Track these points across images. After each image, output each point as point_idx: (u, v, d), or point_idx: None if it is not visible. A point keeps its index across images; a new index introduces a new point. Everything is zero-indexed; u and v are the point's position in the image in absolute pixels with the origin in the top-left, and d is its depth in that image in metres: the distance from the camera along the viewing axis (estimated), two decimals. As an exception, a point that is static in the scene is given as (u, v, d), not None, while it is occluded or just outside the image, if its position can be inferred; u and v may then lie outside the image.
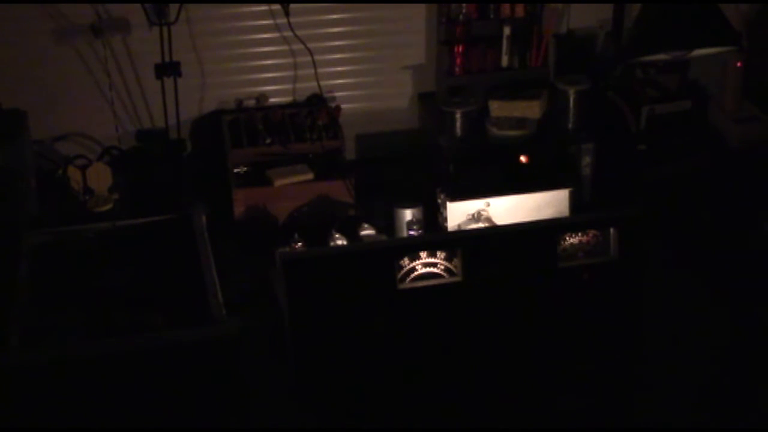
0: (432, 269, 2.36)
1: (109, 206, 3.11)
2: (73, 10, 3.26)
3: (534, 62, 3.47)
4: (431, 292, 2.34)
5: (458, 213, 2.86)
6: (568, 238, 2.40)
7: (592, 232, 2.41)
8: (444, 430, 2.41)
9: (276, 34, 3.41)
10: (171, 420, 2.20)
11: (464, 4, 3.36)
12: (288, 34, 3.38)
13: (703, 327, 2.72)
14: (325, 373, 2.34)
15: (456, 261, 2.35)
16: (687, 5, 2.88)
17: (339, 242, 2.85)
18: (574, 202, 2.91)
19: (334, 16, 3.44)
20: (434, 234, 2.86)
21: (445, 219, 2.87)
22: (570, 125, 3.30)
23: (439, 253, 2.36)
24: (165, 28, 3.11)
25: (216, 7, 3.35)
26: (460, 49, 3.41)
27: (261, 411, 2.36)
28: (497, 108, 3.33)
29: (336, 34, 3.46)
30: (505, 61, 3.45)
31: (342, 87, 3.52)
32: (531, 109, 3.32)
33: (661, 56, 2.99)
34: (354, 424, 2.36)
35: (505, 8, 3.40)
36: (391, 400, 2.38)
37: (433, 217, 2.94)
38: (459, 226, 2.86)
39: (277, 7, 3.34)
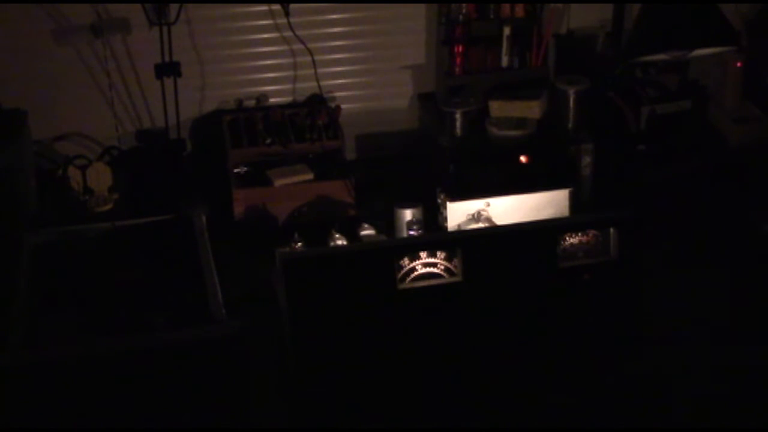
0: (432, 269, 2.36)
1: (109, 206, 3.11)
2: (73, 10, 3.26)
3: (534, 62, 3.47)
4: (431, 292, 2.34)
5: (458, 213, 2.86)
6: (568, 238, 2.40)
7: (592, 232, 2.41)
8: (444, 429, 2.41)
9: (276, 34, 3.41)
10: (171, 420, 2.20)
11: (464, 4, 3.36)
12: (288, 34, 3.38)
13: (703, 327, 2.72)
14: (325, 372, 2.34)
15: (456, 261, 2.35)
16: (687, 5, 2.88)
17: (339, 242, 2.85)
18: (574, 202, 2.91)
19: (334, 16, 3.44)
20: (434, 234, 2.86)
21: (445, 219, 2.86)
22: (570, 125, 3.30)
23: (439, 253, 2.35)
24: (165, 28, 3.11)
25: (216, 7, 3.35)
26: (460, 49, 3.41)
27: (261, 411, 2.36)
28: (497, 108, 3.33)
29: (336, 34, 3.46)
30: (505, 61, 3.45)
31: (342, 87, 3.52)
32: (531, 109, 3.32)
33: (661, 56, 2.99)
34: (354, 424, 2.36)
35: (505, 8, 3.40)
36: (391, 400, 2.38)
37: (433, 217, 2.94)
38: (459, 226, 2.86)
39: (277, 7, 3.34)
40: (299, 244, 2.85)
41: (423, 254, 2.35)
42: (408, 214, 2.91)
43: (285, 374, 2.37)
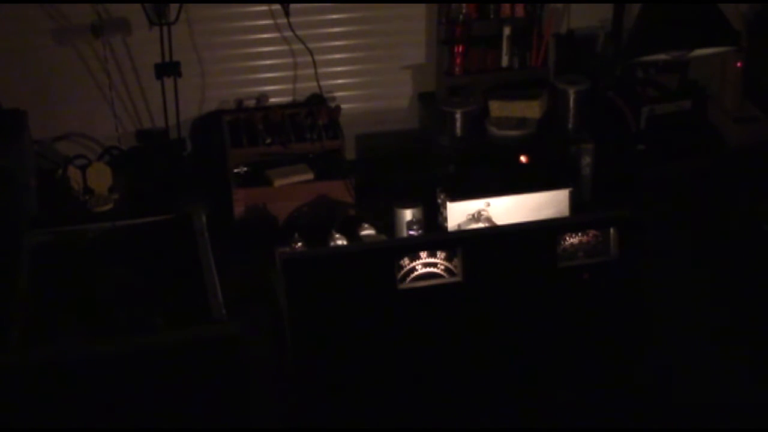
0: (432, 269, 2.36)
1: (109, 206, 3.11)
2: (73, 10, 3.26)
3: (534, 62, 3.47)
4: (431, 292, 2.34)
5: (458, 213, 2.86)
6: (568, 238, 2.40)
7: (592, 232, 2.41)
8: (444, 429, 2.41)
9: (276, 34, 3.41)
10: (171, 420, 2.20)
11: (464, 4, 3.37)
12: (288, 34, 3.38)
13: (703, 326, 2.72)
14: (325, 373, 2.34)
15: (456, 261, 2.35)
16: (687, 5, 2.89)
17: (339, 242, 2.85)
18: (574, 202, 2.91)
19: (334, 16, 3.44)
20: (434, 234, 2.86)
21: (445, 219, 2.86)
22: (570, 125, 3.30)
23: (439, 253, 2.35)
24: (165, 28, 3.11)
25: (216, 7, 3.35)
26: (460, 49, 3.41)
27: (261, 411, 2.36)
28: (497, 108, 3.33)
29: (336, 34, 3.46)
30: (505, 61, 3.45)
31: (342, 87, 3.52)
32: (531, 109, 3.32)
33: (661, 56, 2.99)
34: (353, 424, 2.36)
35: (505, 8, 3.40)
36: (391, 400, 2.38)
37: (433, 217, 2.94)
38: (459, 226, 2.86)
39: (277, 7, 3.34)
40: (299, 244, 2.85)
41: (423, 254, 2.35)
42: (408, 214, 2.91)
43: (285, 374, 2.37)
